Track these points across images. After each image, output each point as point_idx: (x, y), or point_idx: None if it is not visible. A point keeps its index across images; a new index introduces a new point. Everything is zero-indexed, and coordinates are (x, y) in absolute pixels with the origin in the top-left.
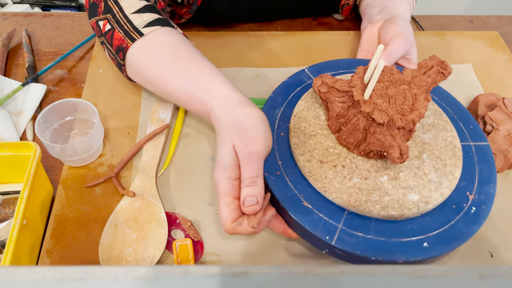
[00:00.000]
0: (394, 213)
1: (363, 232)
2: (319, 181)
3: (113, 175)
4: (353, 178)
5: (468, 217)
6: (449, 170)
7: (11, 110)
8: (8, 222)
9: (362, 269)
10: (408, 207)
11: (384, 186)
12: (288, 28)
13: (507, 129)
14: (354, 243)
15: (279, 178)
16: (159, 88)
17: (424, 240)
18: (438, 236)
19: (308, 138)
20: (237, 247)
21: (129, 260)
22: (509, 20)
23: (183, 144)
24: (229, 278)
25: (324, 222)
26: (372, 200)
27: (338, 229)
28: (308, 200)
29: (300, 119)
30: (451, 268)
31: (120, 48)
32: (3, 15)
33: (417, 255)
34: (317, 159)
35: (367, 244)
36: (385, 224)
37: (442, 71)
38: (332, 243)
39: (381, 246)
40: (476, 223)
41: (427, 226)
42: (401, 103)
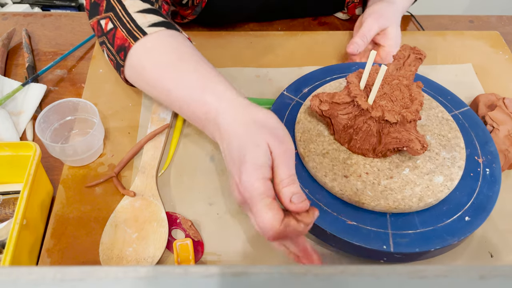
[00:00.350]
0: (430, 200)
1: (411, 228)
2: (354, 196)
3: (114, 175)
4: (381, 181)
5: (487, 179)
6: (454, 142)
7: (11, 110)
8: (8, 222)
9: (362, 269)
10: (439, 190)
11: (410, 178)
12: (288, 28)
13: (507, 129)
14: (409, 242)
15: (314, 206)
16: (157, 89)
17: (463, 215)
18: (473, 206)
19: (323, 158)
20: (237, 247)
21: (129, 260)
22: (509, 20)
23: (183, 144)
24: (229, 278)
25: (375, 234)
26: (407, 196)
27: (389, 235)
28: (350, 217)
29: (306, 142)
30: (451, 268)
31: (121, 47)
32: (3, 15)
33: (466, 231)
34: (340, 175)
35: (421, 238)
36: (426, 214)
37: (419, 56)
38: (391, 250)
39: (433, 235)
40: (496, 183)
41: (460, 201)
42: (402, 98)
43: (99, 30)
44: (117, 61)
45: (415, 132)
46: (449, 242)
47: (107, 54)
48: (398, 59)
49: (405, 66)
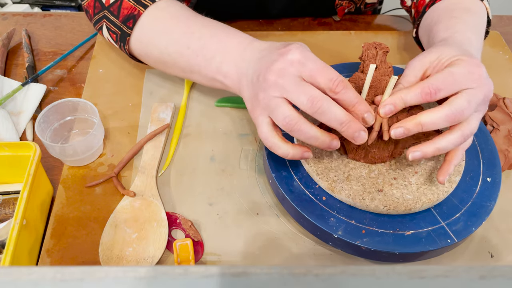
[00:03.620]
0: (457, 178)
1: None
2: (399, 206)
3: (114, 175)
4: (411, 180)
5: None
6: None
7: (11, 110)
8: (8, 222)
9: (362, 269)
10: (458, 170)
11: (430, 165)
12: (288, 28)
13: (508, 129)
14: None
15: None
16: (165, 53)
17: (483, 177)
18: (482, 189)
19: (349, 182)
20: (237, 247)
21: (129, 260)
22: (509, 20)
23: (183, 144)
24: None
25: (434, 232)
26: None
27: (445, 227)
28: (405, 227)
29: (324, 174)
30: (451, 268)
31: (129, 16)
32: (3, 15)
33: (485, 213)
34: (375, 191)
35: (470, 216)
36: (458, 192)
37: (385, 50)
38: (455, 241)
39: (476, 209)
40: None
41: (470, 186)
42: None
43: (97, 7)
44: (123, 31)
45: None
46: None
47: (108, 28)
48: (369, 58)
49: (381, 65)
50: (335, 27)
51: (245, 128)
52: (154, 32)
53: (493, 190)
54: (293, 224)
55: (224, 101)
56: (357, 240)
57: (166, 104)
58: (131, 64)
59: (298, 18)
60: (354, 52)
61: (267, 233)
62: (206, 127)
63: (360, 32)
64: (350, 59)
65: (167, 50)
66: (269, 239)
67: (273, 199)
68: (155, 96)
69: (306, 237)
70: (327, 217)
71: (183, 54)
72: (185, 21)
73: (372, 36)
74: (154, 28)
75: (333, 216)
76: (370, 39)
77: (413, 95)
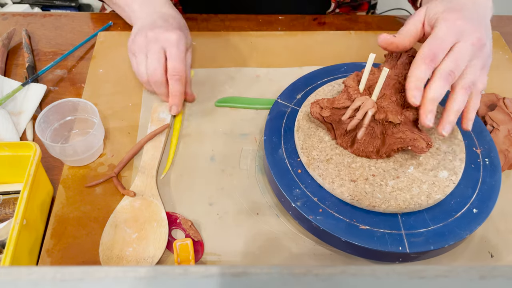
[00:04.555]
0: (438, 196)
1: (424, 226)
2: (364, 200)
3: (114, 175)
4: (388, 182)
5: (488, 169)
6: (452, 135)
7: (11, 110)
8: (8, 222)
9: (362, 269)
10: (445, 185)
11: (416, 176)
12: (288, 28)
13: (508, 129)
14: (424, 241)
15: (325, 214)
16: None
17: (470, 207)
18: (478, 197)
19: (328, 164)
20: (237, 247)
21: (129, 260)
22: (509, 20)
23: (183, 144)
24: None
25: (389, 235)
26: (416, 194)
27: (403, 235)
28: (363, 222)
29: (308, 150)
30: (451, 268)
31: None
32: (3, 15)
33: (476, 223)
34: (348, 179)
35: (434, 235)
36: (435, 210)
37: (411, 54)
38: (407, 251)
39: (445, 231)
40: (496, 171)
41: (465, 194)
42: (401, 97)
43: None
44: None
45: (418, 130)
46: (462, 236)
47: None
48: (390, 57)
49: (399, 65)
50: (335, 27)
51: (245, 128)
52: None
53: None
54: (293, 224)
55: (224, 101)
56: (311, 215)
57: (166, 104)
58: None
59: (298, 18)
60: (354, 52)
61: (267, 233)
62: (206, 127)
63: (360, 32)
64: (350, 59)
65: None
66: (269, 239)
67: (273, 199)
68: (155, 96)
69: (306, 237)
70: (294, 187)
71: None
72: None
73: (372, 36)
74: None
75: (299, 188)
76: (370, 39)
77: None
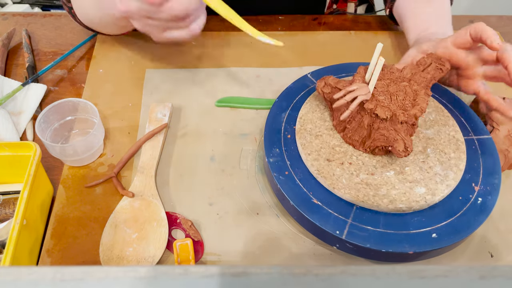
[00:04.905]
0: (402, 206)
1: (372, 226)
2: (328, 179)
3: (113, 175)
4: (360, 174)
5: (475, 208)
6: (454, 163)
7: (11, 110)
8: (8, 222)
9: (362, 269)
10: (415, 200)
11: (391, 180)
12: (288, 28)
13: (507, 129)
14: (365, 236)
15: (288, 177)
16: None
17: (432, 231)
18: (446, 227)
19: (315, 139)
20: (237, 247)
21: (129, 260)
22: (509, 20)
23: (183, 144)
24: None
25: (334, 218)
26: (380, 195)
27: (348, 223)
28: (318, 197)
29: (305, 121)
30: (451, 268)
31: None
32: (3, 15)
33: (426, 246)
34: (324, 157)
35: (377, 237)
36: (394, 218)
37: (440, 67)
38: (342, 237)
39: (391, 238)
40: (483, 213)
41: (435, 217)
42: (403, 99)
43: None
44: (68, 7)
45: (403, 134)
46: (405, 249)
47: (66, 10)
48: (418, 65)
49: (422, 73)
50: (335, 27)
51: (245, 128)
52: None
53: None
54: (293, 224)
55: (224, 101)
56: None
57: (164, 104)
58: (131, 64)
59: (298, 18)
60: (354, 52)
61: (267, 233)
62: (206, 127)
63: (360, 32)
64: (350, 59)
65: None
66: (269, 239)
67: (273, 199)
68: (155, 96)
69: (306, 237)
70: None
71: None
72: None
73: (372, 36)
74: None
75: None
76: (370, 39)
77: None
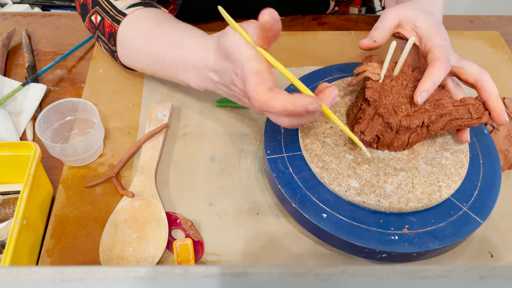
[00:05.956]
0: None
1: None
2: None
3: (113, 175)
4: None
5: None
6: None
7: (11, 110)
8: (8, 222)
9: (362, 269)
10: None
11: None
12: (288, 28)
13: (508, 129)
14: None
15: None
16: (146, 57)
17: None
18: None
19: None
20: (237, 247)
21: (130, 260)
22: (509, 20)
23: (183, 144)
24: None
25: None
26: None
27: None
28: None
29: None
30: (451, 268)
31: (110, 34)
32: (3, 15)
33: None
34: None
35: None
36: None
37: (471, 111)
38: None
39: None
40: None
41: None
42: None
43: (92, 27)
44: (110, 48)
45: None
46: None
47: (103, 47)
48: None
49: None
50: (335, 27)
51: (245, 128)
52: (131, 50)
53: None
54: (293, 224)
55: (224, 101)
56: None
57: (164, 104)
58: None
59: (298, 18)
60: (354, 52)
61: (267, 233)
62: (206, 127)
63: (360, 32)
64: (350, 59)
65: (146, 66)
66: (269, 239)
67: (273, 199)
68: (155, 96)
69: (306, 237)
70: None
71: (164, 69)
72: (153, 39)
73: None
74: (130, 46)
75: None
76: None
77: (442, 75)
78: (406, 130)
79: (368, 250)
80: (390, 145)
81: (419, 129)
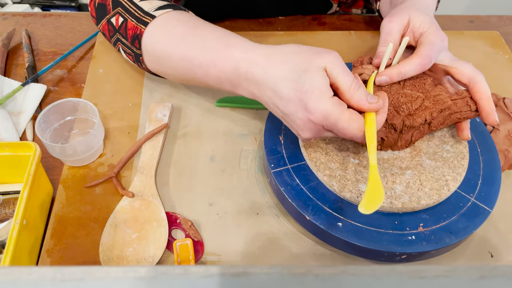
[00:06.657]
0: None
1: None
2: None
3: (113, 175)
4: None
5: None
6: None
7: (11, 110)
8: (8, 222)
9: (362, 269)
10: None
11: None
12: (288, 28)
13: (508, 129)
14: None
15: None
16: (179, 62)
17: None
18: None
19: None
20: (237, 247)
21: (130, 260)
22: (509, 20)
23: (183, 144)
24: (229, 278)
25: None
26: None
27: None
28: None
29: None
30: (451, 268)
31: (134, 37)
32: (3, 15)
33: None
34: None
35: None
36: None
37: (470, 104)
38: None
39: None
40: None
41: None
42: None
43: (111, 30)
44: (134, 52)
45: None
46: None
47: (124, 50)
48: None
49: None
50: (335, 27)
51: (245, 128)
52: (159, 53)
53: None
54: (293, 224)
55: (224, 101)
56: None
57: (164, 104)
58: (131, 64)
59: (298, 18)
60: (354, 52)
61: (267, 233)
62: (206, 127)
63: (360, 32)
64: (350, 59)
65: (177, 72)
66: (269, 239)
67: (273, 199)
68: (155, 96)
69: (306, 237)
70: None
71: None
72: (183, 42)
73: (372, 36)
74: (158, 48)
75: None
76: (370, 39)
77: (412, 66)
78: (409, 129)
79: (388, 254)
80: (393, 145)
81: (422, 127)
